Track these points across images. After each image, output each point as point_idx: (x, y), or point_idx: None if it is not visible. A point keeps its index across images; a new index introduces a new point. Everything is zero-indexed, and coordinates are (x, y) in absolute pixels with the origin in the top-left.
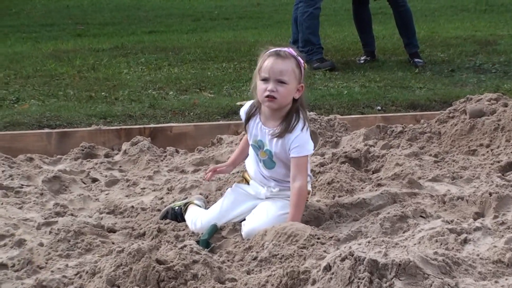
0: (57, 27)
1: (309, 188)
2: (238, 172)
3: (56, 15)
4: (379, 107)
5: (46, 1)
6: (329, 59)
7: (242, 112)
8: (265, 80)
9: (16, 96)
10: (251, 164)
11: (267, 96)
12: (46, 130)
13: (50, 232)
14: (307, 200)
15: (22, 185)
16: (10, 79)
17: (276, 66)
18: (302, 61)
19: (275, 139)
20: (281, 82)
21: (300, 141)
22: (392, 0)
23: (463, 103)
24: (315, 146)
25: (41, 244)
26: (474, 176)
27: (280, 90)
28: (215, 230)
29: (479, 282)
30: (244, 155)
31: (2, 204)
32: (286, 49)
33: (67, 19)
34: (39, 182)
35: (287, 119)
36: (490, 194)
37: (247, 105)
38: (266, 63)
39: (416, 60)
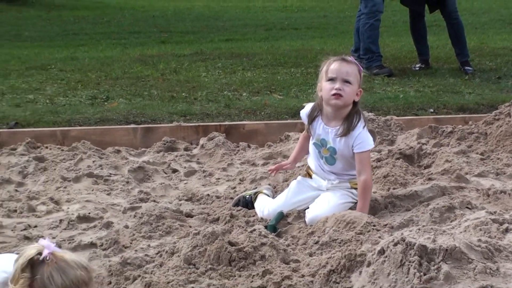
0: (144, 35)
1: None
2: (302, 165)
3: (142, 24)
4: (431, 110)
5: (134, 11)
6: (388, 66)
7: (303, 114)
8: (331, 80)
9: (106, 95)
10: (312, 160)
11: (334, 94)
12: (132, 126)
13: (135, 216)
14: None
15: (111, 174)
16: (101, 80)
17: (343, 68)
18: (361, 68)
19: (339, 137)
20: (347, 82)
21: (362, 138)
22: (445, 14)
23: (508, 107)
24: (373, 145)
25: (126, 227)
26: None
27: (346, 89)
28: (281, 216)
29: None
30: (304, 152)
31: (92, 190)
32: (349, 57)
33: (152, 28)
34: (125, 172)
35: (348, 119)
36: None
37: (307, 107)
38: (333, 65)
39: (466, 68)
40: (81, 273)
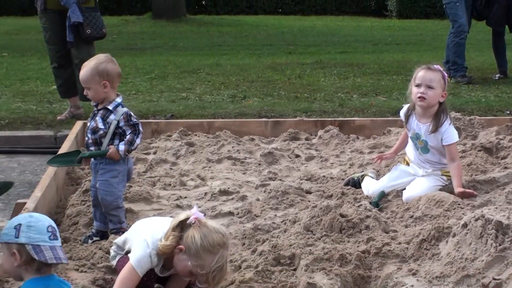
0: (274, 47)
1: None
2: (401, 153)
3: (274, 38)
4: (508, 111)
5: (267, 28)
6: (469, 75)
7: (402, 114)
8: (418, 86)
9: (243, 95)
10: (411, 151)
11: (419, 97)
12: (264, 119)
13: (265, 191)
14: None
15: (246, 157)
16: (240, 82)
17: (426, 76)
18: (446, 75)
19: (430, 132)
20: (430, 87)
21: (449, 133)
22: None
23: None
24: (459, 138)
25: (258, 199)
26: None
27: (429, 93)
28: (383, 195)
29: None
30: (403, 145)
31: (231, 170)
32: (435, 65)
33: (281, 41)
34: (258, 156)
35: (436, 117)
36: None
37: (404, 108)
38: (420, 73)
39: None
40: (218, 237)
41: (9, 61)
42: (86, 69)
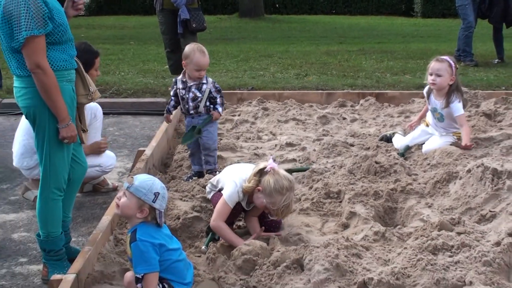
0: (328, 38)
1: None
2: (423, 120)
3: (328, 32)
4: (504, 87)
5: (323, 24)
6: (475, 60)
7: (424, 92)
8: (430, 74)
9: (305, 73)
10: (430, 118)
11: (431, 83)
12: (320, 91)
13: (319, 144)
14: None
15: (306, 119)
16: (303, 64)
17: (435, 66)
18: (453, 63)
19: (443, 107)
20: (438, 75)
21: (456, 108)
22: None
23: None
24: (464, 108)
25: (314, 150)
26: None
27: (437, 80)
28: (407, 148)
29: None
30: (425, 113)
31: (295, 128)
32: (444, 56)
33: (334, 34)
34: (315, 118)
35: (448, 96)
36: None
37: (426, 88)
38: (431, 64)
39: None
40: (287, 183)
41: (135, 48)
42: (207, 57)
